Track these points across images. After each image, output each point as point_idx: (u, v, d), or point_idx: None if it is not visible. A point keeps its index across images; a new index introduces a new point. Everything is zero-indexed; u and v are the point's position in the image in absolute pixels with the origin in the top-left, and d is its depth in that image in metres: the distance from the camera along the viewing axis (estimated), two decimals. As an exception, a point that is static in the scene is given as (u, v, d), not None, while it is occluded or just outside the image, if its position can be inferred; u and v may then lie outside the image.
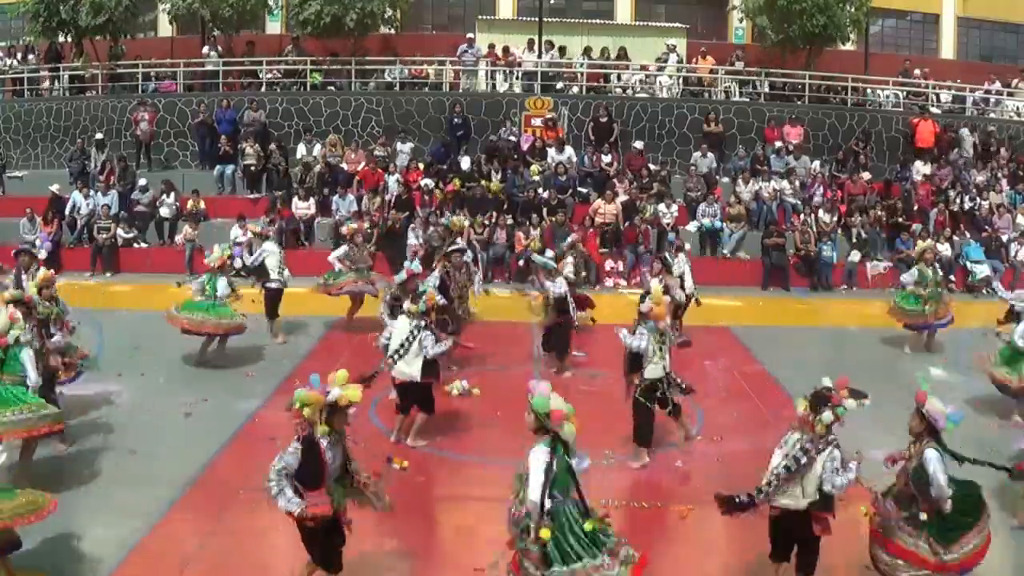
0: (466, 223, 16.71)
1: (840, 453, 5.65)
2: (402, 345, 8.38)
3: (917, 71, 22.09)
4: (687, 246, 12.91)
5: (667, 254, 12.35)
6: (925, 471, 5.65)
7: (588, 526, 5.11)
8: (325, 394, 5.49)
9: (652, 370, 8.15)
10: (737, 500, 5.84)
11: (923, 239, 16.84)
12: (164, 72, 21.06)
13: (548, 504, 5.05)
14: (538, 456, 5.13)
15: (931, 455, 5.67)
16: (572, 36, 21.82)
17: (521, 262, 15.56)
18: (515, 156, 18.68)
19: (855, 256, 17.09)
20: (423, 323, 8.45)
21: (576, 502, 5.23)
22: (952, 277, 17.01)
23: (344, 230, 13.55)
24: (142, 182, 18.17)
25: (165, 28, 23.67)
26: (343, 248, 12.98)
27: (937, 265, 12.53)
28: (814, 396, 5.72)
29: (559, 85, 20.60)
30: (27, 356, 7.51)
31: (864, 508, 5.96)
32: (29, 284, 9.02)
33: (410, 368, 8.40)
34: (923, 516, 5.65)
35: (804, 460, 5.62)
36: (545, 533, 5.01)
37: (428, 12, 24.35)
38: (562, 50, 21.01)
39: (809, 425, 5.70)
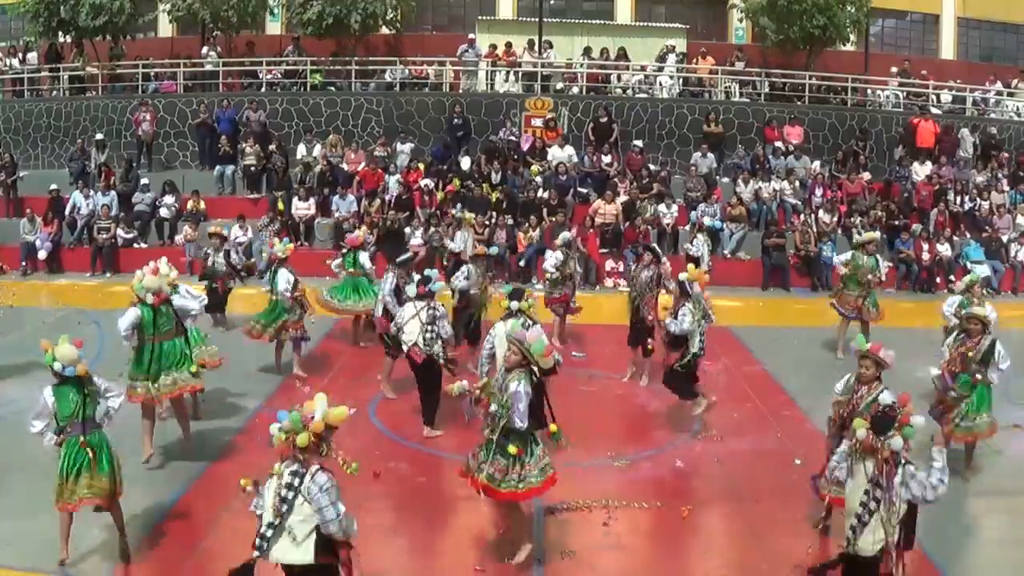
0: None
1: (912, 466, 5.22)
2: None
3: (906, 65, 22.07)
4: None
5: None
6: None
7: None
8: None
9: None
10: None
11: (923, 239, 16.95)
12: (164, 72, 21.06)
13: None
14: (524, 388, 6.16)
15: (887, 396, 6.29)
16: (572, 36, 21.81)
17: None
18: (515, 156, 18.68)
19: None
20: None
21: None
22: (952, 277, 17.02)
23: (356, 238, 12.65)
24: (144, 182, 18.18)
25: (165, 28, 23.65)
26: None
27: (878, 258, 12.22)
28: (878, 417, 5.27)
29: (559, 85, 20.60)
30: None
31: None
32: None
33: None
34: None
35: (881, 496, 5.18)
36: (513, 449, 6.29)
37: (428, 12, 24.34)
38: (550, 43, 20.90)
39: (876, 451, 5.21)
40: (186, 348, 8.13)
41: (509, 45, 20.66)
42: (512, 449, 6.18)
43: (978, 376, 8.08)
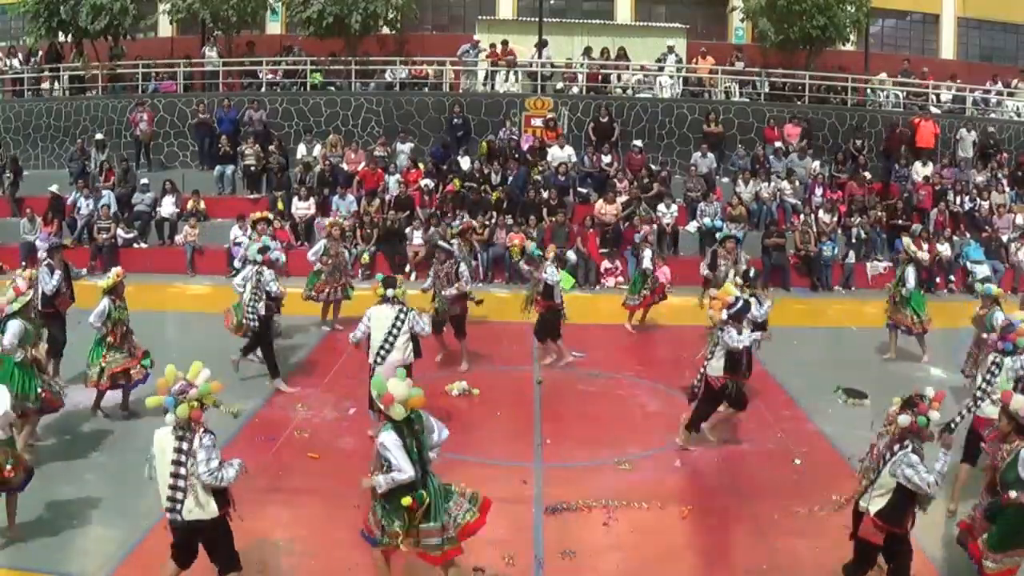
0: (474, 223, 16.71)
1: (916, 456, 5.53)
2: (390, 334, 8.34)
3: (905, 65, 22.07)
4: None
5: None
6: (1016, 469, 5.59)
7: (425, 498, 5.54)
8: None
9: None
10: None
11: (923, 239, 16.92)
12: (164, 72, 21.06)
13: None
14: (389, 437, 5.49)
15: None
16: (572, 36, 21.81)
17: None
18: (515, 156, 18.68)
19: (851, 257, 17.10)
20: (406, 307, 8.52)
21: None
22: (952, 277, 17.03)
23: (324, 227, 13.63)
24: (144, 182, 18.19)
25: (165, 28, 23.66)
26: (320, 243, 12.93)
27: (910, 268, 11.94)
28: (906, 399, 5.74)
29: (559, 85, 20.60)
30: (12, 327, 7.84)
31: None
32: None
33: (403, 355, 8.40)
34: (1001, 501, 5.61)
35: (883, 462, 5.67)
36: (406, 501, 5.48)
37: (428, 12, 24.36)
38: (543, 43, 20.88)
39: (890, 421, 5.75)
40: None
41: (506, 43, 20.63)
42: (406, 501, 5.50)
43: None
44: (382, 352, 8.38)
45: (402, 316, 8.41)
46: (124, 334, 9.18)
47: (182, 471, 5.40)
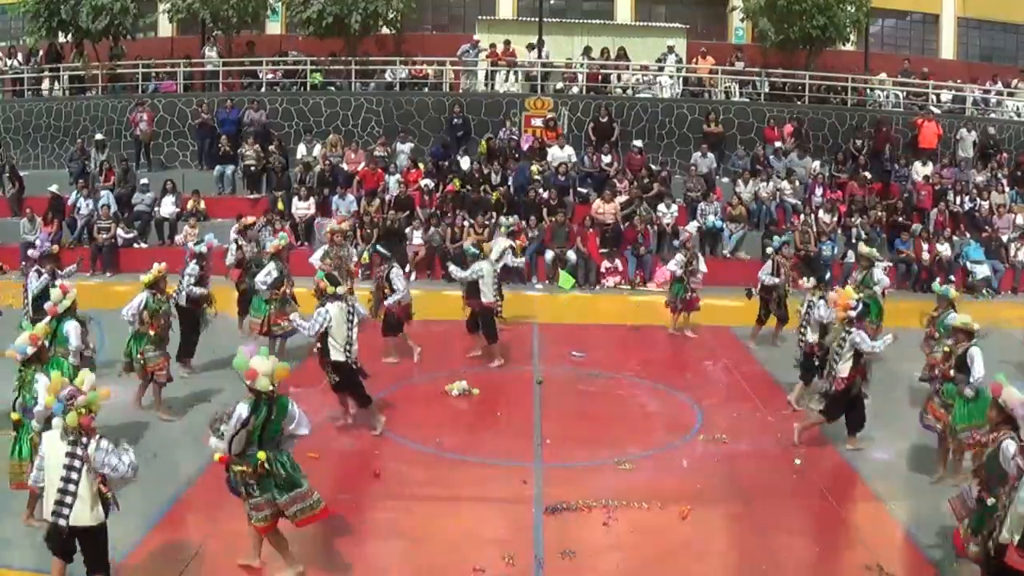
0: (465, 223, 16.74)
1: (1012, 443, 5.49)
2: (350, 327, 8.58)
3: (906, 65, 22.07)
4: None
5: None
6: (997, 460, 5.59)
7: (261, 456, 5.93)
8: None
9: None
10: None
11: (923, 239, 16.94)
12: (164, 72, 21.06)
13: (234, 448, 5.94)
14: (238, 409, 5.92)
15: (1008, 446, 5.55)
16: (572, 36, 21.81)
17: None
18: (516, 156, 18.67)
19: (851, 257, 17.10)
20: (349, 299, 8.80)
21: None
22: (952, 277, 17.02)
23: (325, 232, 13.56)
24: (144, 182, 18.19)
25: (165, 28, 23.66)
26: (322, 249, 12.94)
27: (877, 270, 12.12)
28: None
29: (559, 85, 20.60)
30: (72, 327, 8.08)
31: None
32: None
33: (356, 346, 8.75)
34: (989, 501, 5.59)
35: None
36: (239, 467, 6.00)
37: (428, 12, 24.36)
38: (536, 45, 20.89)
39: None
40: None
41: (508, 43, 20.64)
42: (260, 455, 5.96)
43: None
44: (349, 345, 8.58)
45: (352, 309, 8.67)
46: (163, 326, 9.44)
47: (73, 476, 5.44)
